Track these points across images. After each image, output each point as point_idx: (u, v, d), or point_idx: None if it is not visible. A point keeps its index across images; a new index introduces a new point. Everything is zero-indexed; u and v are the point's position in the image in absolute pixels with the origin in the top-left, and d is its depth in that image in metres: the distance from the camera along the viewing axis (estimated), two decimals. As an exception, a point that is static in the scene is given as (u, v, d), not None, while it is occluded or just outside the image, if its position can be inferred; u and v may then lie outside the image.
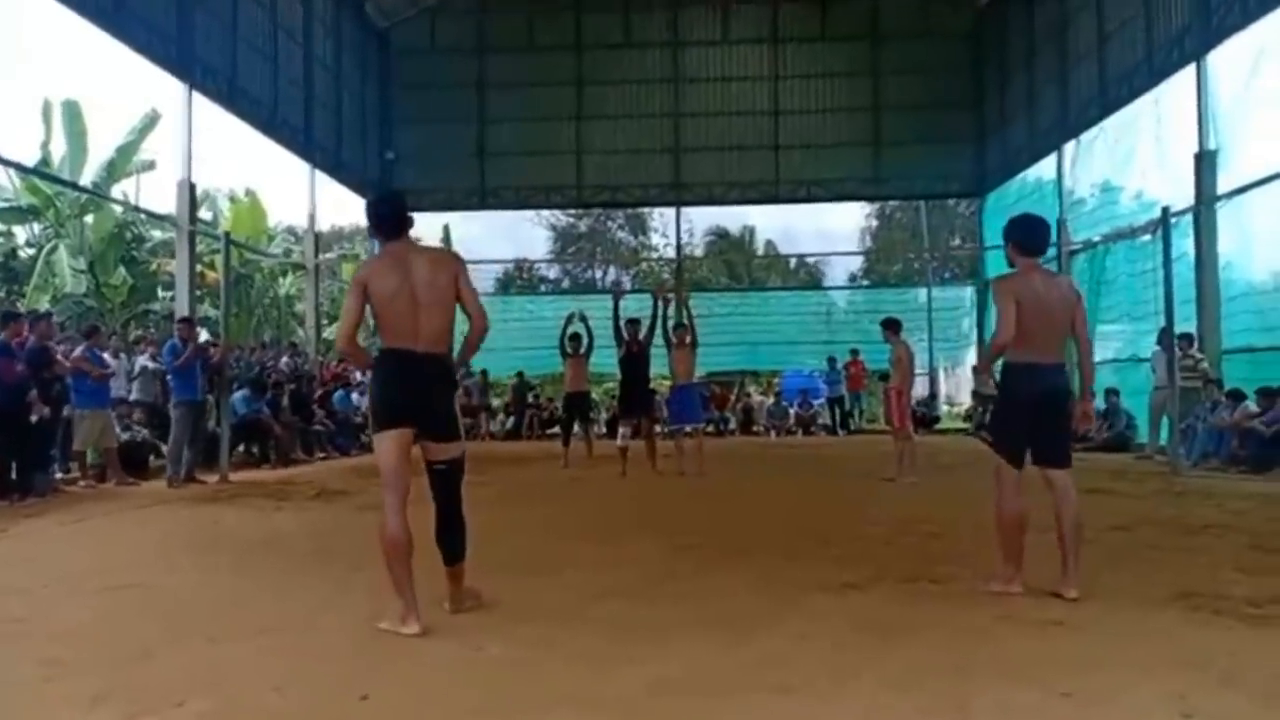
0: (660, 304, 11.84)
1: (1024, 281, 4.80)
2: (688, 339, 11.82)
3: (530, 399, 22.44)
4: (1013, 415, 4.89)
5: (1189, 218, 13.38)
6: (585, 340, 13.00)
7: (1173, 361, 11.67)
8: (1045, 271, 5.01)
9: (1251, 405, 11.61)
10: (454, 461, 4.37)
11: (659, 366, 12.62)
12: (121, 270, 21.70)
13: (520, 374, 22.13)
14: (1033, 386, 4.79)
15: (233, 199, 25.79)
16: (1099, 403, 15.80)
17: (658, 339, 11.76)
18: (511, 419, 22.00)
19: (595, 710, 3.14)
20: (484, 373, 21.97)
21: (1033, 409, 4.80)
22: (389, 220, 4.42)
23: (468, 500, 4.48)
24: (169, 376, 11.78)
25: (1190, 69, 13.97)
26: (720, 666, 3.59)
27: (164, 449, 11.55)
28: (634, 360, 11.69)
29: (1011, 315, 4.69)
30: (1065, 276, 5.33)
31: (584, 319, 13.02)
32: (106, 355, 11.73)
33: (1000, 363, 4.92)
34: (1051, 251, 18.97)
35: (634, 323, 11.72)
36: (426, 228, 32.81)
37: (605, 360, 14.18)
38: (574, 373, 13.17)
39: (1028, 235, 4.93)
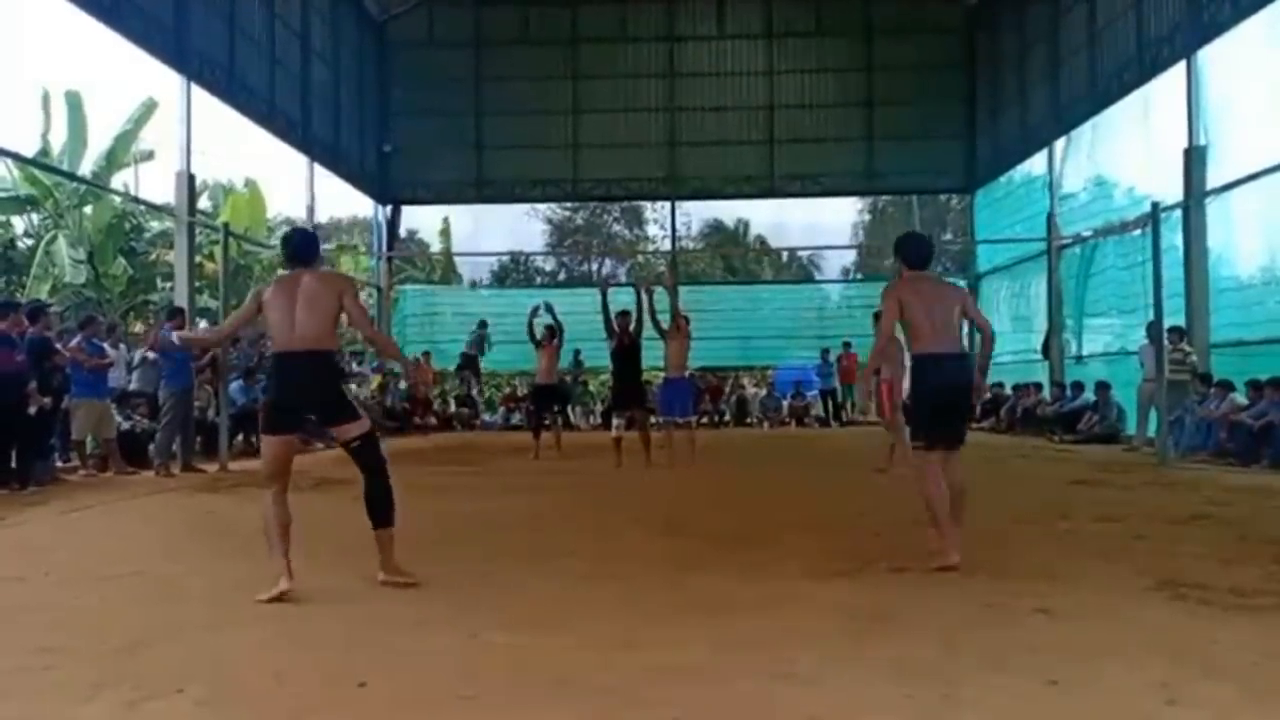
0: (646, 295, 11.87)
1: (908, 286, 5.43)
2: (681, 330, 11.86)
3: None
4: (924, 403, 5.45)
5: (1178, 213, 13.45)
6: (559, 330, 13.17)
7: (1161, 354, 11.77)
8: (931, 278, 5.69)
9: (1239, 398, 11.70)
10: (361, 438, 4.80)
11: (653, 358, 12.65)
12: (121, 261, 21.65)
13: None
14: (939, 377, 5.33)
15: (231, 190, 25.74)
16: (1089, 395, 16.01)
17: (650, 331, 11.81)
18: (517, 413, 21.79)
19: (592, 696, 3.18)
20: (472, 358, 21.95)
21: (936, 395, 5.34)
22: (292, 253, 5.03)
23: (467, 490, 4.57)
24: (163, 365, 11.75)
25: (1180, 65, 14.02)
26: (715, 653, 3.64)
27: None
28: (626, 352, 11.70)
29: (893, 320, 5.36)
30: (951, 283, 6.21)
31: (550, 309, 13.12)
32: (106, 345, 11.74)
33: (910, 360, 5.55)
34: (1042, 245, 19.14)
35: (626, 314, 11.69)
36: (425, 220, 33.07)
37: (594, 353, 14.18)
38: (546, 364, 13.29)
39: (912, 251, 5.58)
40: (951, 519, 5.18)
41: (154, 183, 24.03)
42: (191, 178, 14.94)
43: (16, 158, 16.89)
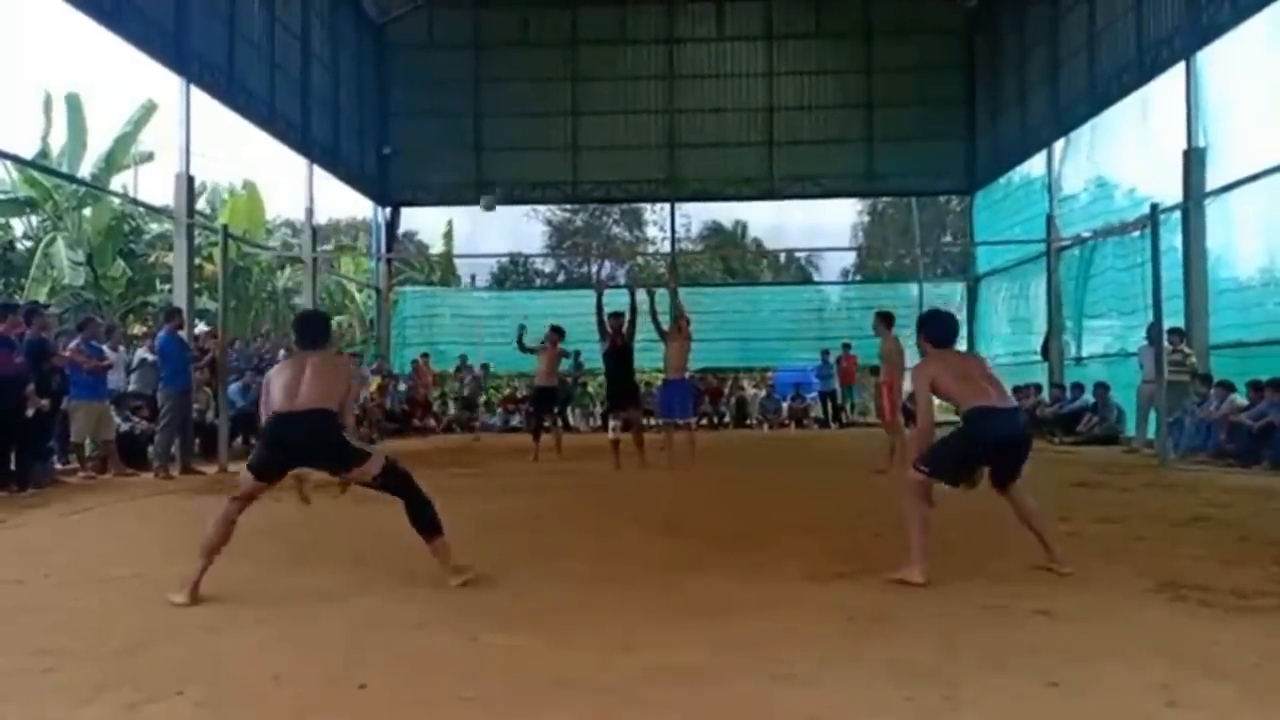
0: (648, 296, 11.81)
1: (936, 362, 5.28)
2: (682, 331, 11.86)
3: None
4: (968, 448, 5.10)
5: (1177, 214, 13.45)
6: (562, 334, 13.39)
7: (1161, 355, 11.77)
8: (956, 352, 5.58)
9: (1239, 399, 11.71)
10: (380, 475, 4.85)
11: (652, 360, 12.63)
12: (120, 263, 21.66)
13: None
14: (995, 428, 5.04)
15: (231, 192, 25.77)
16: (1088, 396, 16.01)
17: (650, 333, 11.79)
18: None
19: (592, 697, 3.18)
20: (484, 366, 22.02)
21: (987, 449, 5.06)
22: (303, 335, 5.25)
23: (466, 492, 4.56)
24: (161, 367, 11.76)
25: (1180, 66, 14.02)
26: (714, 655, 3.64)
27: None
28: (618, 354, 11.70)
29: (928, 399, 5.18)
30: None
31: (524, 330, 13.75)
32: (105, 347, 11.73)
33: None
34: (1041, 247, 19.13)
35: (619, 316, 11.69)
36: (428, 222, 33.19)
37: (595, 355, 14.27)
38: (547, 365, 13.36)
39: (937, 331, 5.43)
40: (1043, 540, 5.12)
41: (153, 185, 24.08)
42: (191, 180, 14.93)
43: (16, 159, 16.91)
